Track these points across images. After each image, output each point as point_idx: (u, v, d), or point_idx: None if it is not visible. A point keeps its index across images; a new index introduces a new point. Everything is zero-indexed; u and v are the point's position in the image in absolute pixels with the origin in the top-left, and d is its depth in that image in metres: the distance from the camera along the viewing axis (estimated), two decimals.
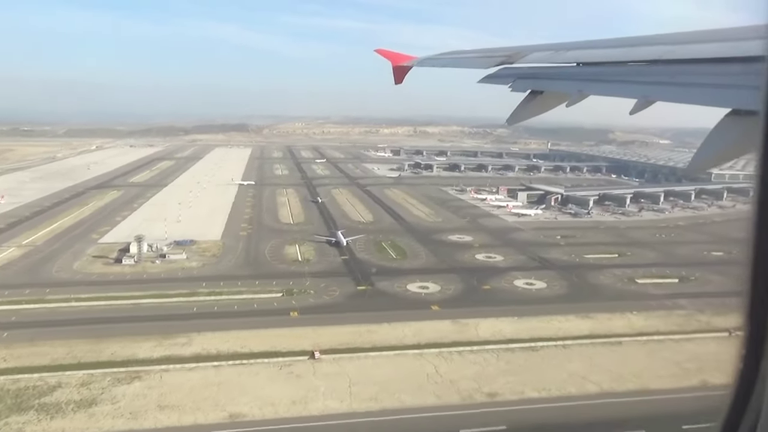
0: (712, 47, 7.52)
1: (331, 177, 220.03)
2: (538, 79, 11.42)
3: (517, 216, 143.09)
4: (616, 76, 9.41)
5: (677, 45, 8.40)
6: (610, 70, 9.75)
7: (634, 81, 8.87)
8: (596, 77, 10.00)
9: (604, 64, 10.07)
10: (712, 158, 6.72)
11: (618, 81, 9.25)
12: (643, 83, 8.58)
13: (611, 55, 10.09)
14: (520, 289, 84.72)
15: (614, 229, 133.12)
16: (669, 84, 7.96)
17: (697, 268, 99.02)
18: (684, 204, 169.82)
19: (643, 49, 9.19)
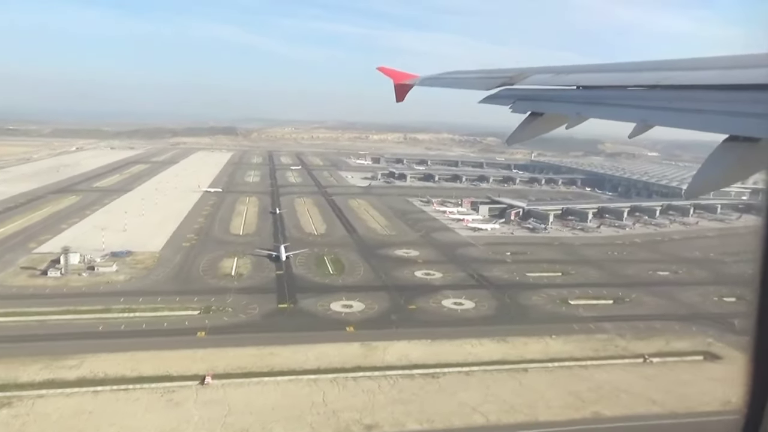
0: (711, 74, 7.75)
1: (301, 185, 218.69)
2: (538, 101, 11.68)
3: (473, 230, 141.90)
4: (616, 100, 9.57)
5: (676, 71, 8.58)
6: (609, 93, 9.95)
7: (632, 105, 9.04)
8: (596, 100, 10.16)
9: (604, 88, 10.27)
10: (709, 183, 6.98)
11: (617, 105, 9.43)
12: (641, 107, 8.74)
13: (611, 79, 10.33)
14: (446, 309, 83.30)
15: (568, 245, 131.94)
16: (667, 109, 8.11)
17: (635, 288, 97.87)
18: (647, 220, 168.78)
19: (642, 75, 9.40)
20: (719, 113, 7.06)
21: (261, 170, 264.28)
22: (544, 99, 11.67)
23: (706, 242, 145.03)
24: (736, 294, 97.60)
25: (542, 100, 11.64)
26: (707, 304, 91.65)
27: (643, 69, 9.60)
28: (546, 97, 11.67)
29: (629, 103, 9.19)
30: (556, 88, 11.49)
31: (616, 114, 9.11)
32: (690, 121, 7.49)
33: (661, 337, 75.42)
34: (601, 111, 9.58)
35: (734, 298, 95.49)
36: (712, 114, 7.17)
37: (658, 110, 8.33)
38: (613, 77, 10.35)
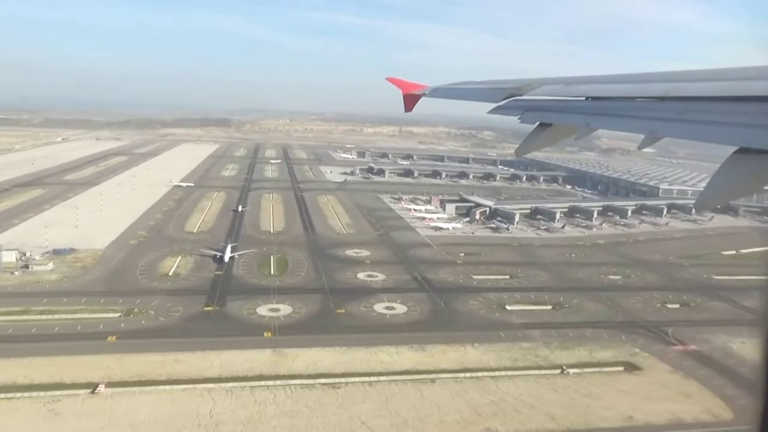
0: (721, 85, 7.74)
1: (275, 180, 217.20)
2: (546, 112, 11.63)
3: (435, 230, 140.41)
4: (625, 111, 9.58)
5: (685, 82, 8.55)
6: (618, 105, 9.94)
7: (642, 116, 9.04)
8: (605, 111, 10.14)
9: (613, 99, 10.25)
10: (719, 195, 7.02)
11: (626, 116, 9.44)
12: (651, 119, 8.70)
13: (620, 91, 10.28)
14: (375, 314, 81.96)
15: (527, 246, 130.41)
16: (677, 120, 8.06)
17: (579, 293, 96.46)
18: (617, 220, 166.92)
19: (651, 86, 9.38)
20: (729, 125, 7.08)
21: (241, 164, 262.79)
22: (552, 110, 11.64)
23: (671, 244, 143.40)
24: (681, 300, 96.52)
25: (551, 111, 11.63)
26: (647, 311, 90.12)
27: (652, 80, 9.65)
28: (555, 107, 11.65)
29: (638, 114, 9.21)
30: (565, 99, 11.50)
31: (625, 125, 9.17)
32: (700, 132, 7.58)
33: (587, 347, 74.07)
34: (611, 122, 9.65)
35: (678, 305, 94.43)
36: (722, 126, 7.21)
37: (668, 122, 8.31)
38: (622, 88, 10.35)
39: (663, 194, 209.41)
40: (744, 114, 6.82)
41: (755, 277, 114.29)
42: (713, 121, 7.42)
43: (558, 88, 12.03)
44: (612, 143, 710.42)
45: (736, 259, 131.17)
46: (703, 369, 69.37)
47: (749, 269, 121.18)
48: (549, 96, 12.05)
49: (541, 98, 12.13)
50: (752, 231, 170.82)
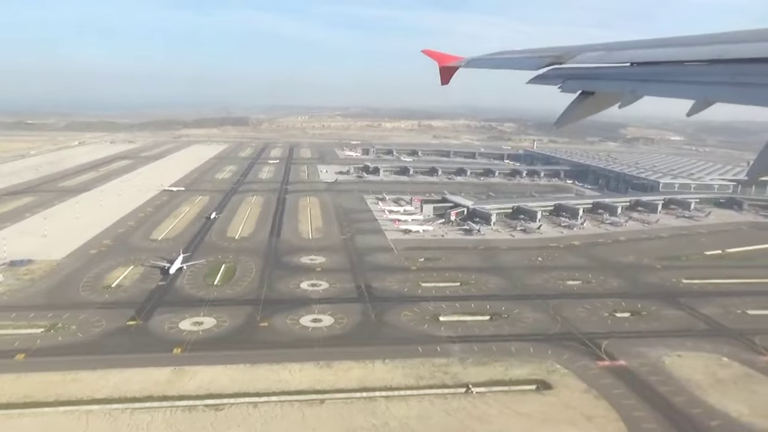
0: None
1: (266, 182, 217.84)
2: (589, 80, 11.24)
3: (404, 232, 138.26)
4: (672, 77, 9.19)
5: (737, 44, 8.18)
6: (665, 69, 9.53)
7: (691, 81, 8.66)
8: (651, 77, 9.77)
9: (660, 64, 9.80)
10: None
11: (674, 81, 9.04)
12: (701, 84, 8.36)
13: (667, 55, 9.83)
14: (298, 327, 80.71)
15: (493, 249, 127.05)
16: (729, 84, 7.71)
17: (525, 302, 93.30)
18: (605, 218, 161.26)
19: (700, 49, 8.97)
20: None
21: (240, 165, 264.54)
22: (595, 77, 11.16)
23: (653, 244, 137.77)
24: (633, 308, 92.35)
25: (594, 79, 11.16)
26: (590, 321, 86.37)
27: (701, 43, 9.14)
28: (598, 75, 11.14)
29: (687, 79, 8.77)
30: (609, 66, 10.92)
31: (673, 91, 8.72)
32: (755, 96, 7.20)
33: (505, 362, 71.31)
34: (658, 88, 9.22)
35: (628, 313, 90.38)
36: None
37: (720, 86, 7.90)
38: (669, 52, 9.82)
39: (663, 188, 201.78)
40: None
41: (727, 281, 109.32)
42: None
43: (600, 54, 11.36)
44: (640, 132, 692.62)
45: (716, 260, 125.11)
46: (620, 387, 65.92)
47: (726, 271, 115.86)
48: (591, 63, 11.43)
49: (582, 66, 11.56)
50: (751, 227, 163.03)
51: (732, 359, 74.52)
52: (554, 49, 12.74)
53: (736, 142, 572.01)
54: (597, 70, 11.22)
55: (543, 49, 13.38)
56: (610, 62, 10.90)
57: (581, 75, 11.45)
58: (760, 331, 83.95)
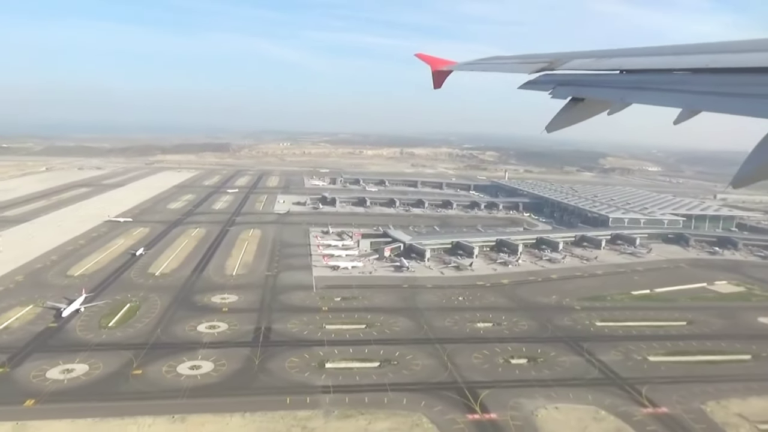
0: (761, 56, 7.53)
1: (216, 213, 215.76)
2: (579, 86, 11.40)
3: (333, 269, 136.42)
4: (661, 85, 9.35)
5: (725, 54, 8.37)
6: (654, 78, 9.70)
7: (679, 90, 8.78)
8: (640, 85, 9.87)
9: (649, 72, 9.99)
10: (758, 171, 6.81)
11: (663, 90, 9.19)
12: (688, 92, 8.48)
13: (656, 63, 10.03)
14: (172, 375, 78.06)
15: (417, 288, 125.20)
16: (716, 94, 7.83)
17: (421, 346, 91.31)
18: (543, 254, 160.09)
19: (689, 58, 9.15)
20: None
21: (199, 194, 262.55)
22: (585, 84, 11.33)
23: (581, 283, 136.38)
24: (533, 354, 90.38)
25: (584, 85, 11.31)
26: (481, 368, 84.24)
27: (690, 52, 9.32)
28: (588, 81, 11.32)
29: (676, 87, 8.89)
30: (599, 73, 11.12)
31: (661, 99, 8.85)
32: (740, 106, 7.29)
33: (371, 415, 68.97)
34: (646, 96, 9.31)
35: (525, 360, 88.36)
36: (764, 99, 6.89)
37: (706, 95, 8.01)
38: (658, 61, 10.03)
39: (613, 223, 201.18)
40: None
41: (642, 323, 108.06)
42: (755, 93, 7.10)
43: (591, 61, 11.58)
44: (617, 162, 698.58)
45: (640, 301, 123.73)
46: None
47: (644, 313, 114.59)
48: (581, 70, 11.65)
49: (573, 72, 11.76)
50: (690, 265, 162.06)
51: (609, 412, 72.49)
52: (545, 56, 12.92)
53: (714, 173, 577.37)
54: (587, 77, 11.42)
55: (534, 55, 13.55)
56: (599, 69, 11.10)
57: (571, 81, 11.61)
58: (651, 380, 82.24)
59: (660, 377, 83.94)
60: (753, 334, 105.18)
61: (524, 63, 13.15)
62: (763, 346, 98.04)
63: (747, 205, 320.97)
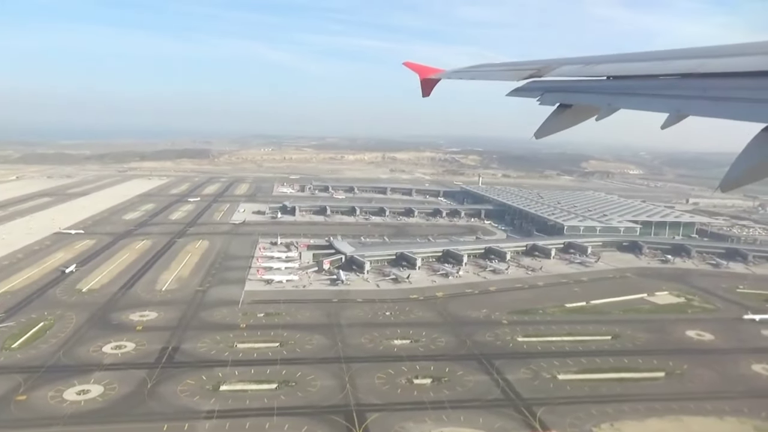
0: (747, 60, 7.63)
1: (170, 223, 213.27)
2: (567, 93, 11.53)
3: (266, 282, 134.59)
4: (647, 90, 9.48)
5: (710, 58, 8.44)
6: (641, 83, 9.81)
7: (665, 95, 8.94)
8: (627, 91, 9.98)
9: (635, 78, 10.10)
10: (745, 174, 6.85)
11: (649, 95, 9.34)
12: (675, 97, 8.60)
13: (642, 69, 10.08)
14: (56, 401, 75.83)
15: (348, 302, 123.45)
16: (702, 98, 7.94)
17: (330, 366, 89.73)
18: (486, 265, 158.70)
19: (675, 63, 9.25)
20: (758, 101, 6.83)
21: (160, 204, 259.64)
22: (573, 90, 11.50)
23: (518, 295, 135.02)
24: (440, 373, 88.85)
25: (571, 92, 11.47)
26: (378, 390, 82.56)
27: (676, 57, 9.36)
28: (575, 88, 11.50)
29: (662, 92, 9.05)
30: (586, 79, 11.28)
31: (648, 104, 9.09)
32: (726, 110, 7.38)
33: None
34: (633, 101, 9.45)
35: (429, 379, 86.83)
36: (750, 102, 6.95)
37: (693, 99, 8.16)
38: (645, 66, 10.06)
39: (568, 231, 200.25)
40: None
41: (565, 338, 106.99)
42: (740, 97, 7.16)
43: (578, 68, 11.72)
44: (600, 165, 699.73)
45: (571, 314, 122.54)
46: None
47: (571, 327, 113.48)
48: (569, 77, 11.77)
49: (561, 79, 11.86)
50: (636, 274, 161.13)
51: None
52: (533, 63, 12.96)
53: (695, 176, 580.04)
54: (575, 83, 11.58)
55: (522, 62, 13.64)
56: (587, 76, 11.20)
57: (559, 88, 11.71)
58: (552, 401, 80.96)
59: (563, 397, 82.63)
60: (675, 349, 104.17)
61: (512, 70, 13.23)
62: (681, 363, 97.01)
63: (717, 209, 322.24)
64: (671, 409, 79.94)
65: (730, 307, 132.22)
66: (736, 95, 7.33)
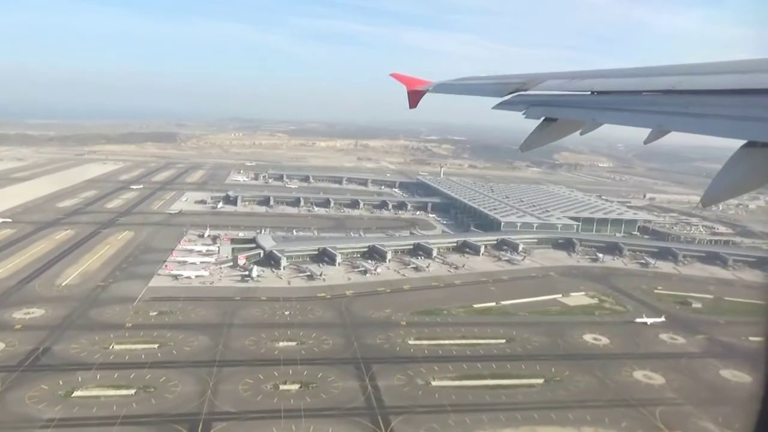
0: (729, 78, 7.76)
1: (103, 212, 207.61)
2: (552, 107, 11.89)
3: (174, 278, 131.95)
4: (631, 105, 9.72)
5: (692, 75, 8.67)
6: (624, 99, 10.04)
7: (648, 110, 9.20)
8: (611, 106, 10.29)
9: (619, 93, 10.34)
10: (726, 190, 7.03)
11: (632, 110, 9.58)
12: (657, 113, 8.89)
13: (626, 84, 10.35)
14: None
15: (250, 300, 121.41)
16: (683, 114, 8.20)
17: (199, 370, 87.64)
18: (410, 261, 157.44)
19: (657, 79, 9.42)
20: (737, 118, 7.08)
21: (103, 190, 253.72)
22: (558, 104, 11.83)
23: (430, 295, 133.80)
24: (311, 378, 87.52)
25: (556, 106, 11.82)
26: (240, 396, 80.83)
27: (658, 74, 9.60)
28: (560, 102, 11.82)
29: (645, 108, 9.32)
30: (571, 94, 11.53)
31: (631, 119, 9.30)
32: (707, 126, 7.61)
33: None
34: (616, 117, 9.82)
35: (297, 385, 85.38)
36: (730, 119, 7.20)
37: (675, 115, 8.45)
38: (628, 82, 10.34)
39: (505, 227, 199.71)
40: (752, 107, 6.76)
41: (456, 341, 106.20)
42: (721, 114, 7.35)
43: (563, 82, 11.96)
44: (572, 157, 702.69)
45: (477, 315, 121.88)
46: None
47: (469, 329, 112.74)
48: (554, 91, 12.05)
49: (546, 93, 12.18)
50: (561, 273, 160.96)
51: None
52: (519, 76, 13.24)
53: (664, 170, 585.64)
54: (560, 97, 11.76)
55: (508, 75, 13.95)
56: (572, 90, 11.34)
57: (544, 102, 11.93)
58: (415, 410, 80.00)
59: (427, 405, 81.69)
60: (564, 354, 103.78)
61: (498, 84, 13.52)
62: (564, 369, 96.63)
63: (672, 206, 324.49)
64: (531, 419, 79.47)
65: (640, 309, 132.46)
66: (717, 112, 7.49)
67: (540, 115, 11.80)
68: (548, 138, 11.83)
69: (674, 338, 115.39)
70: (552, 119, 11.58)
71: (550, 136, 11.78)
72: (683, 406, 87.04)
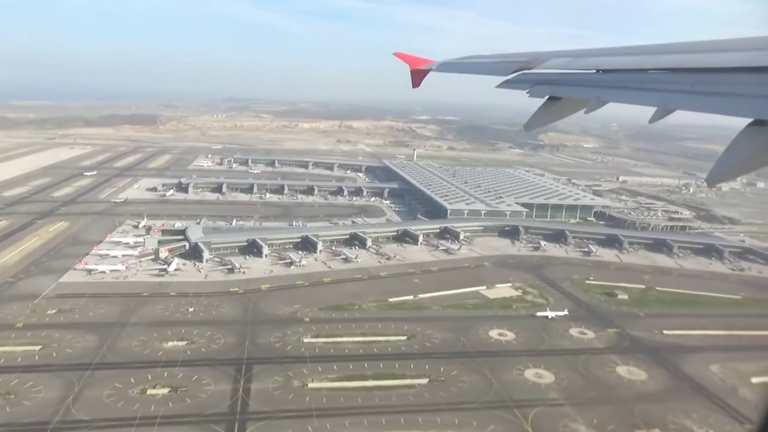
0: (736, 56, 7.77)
1: (46, 201, 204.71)
2: (556, 85, 11.76)
3: (88, 272, 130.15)
4: (636, 84, 9.61)
5: (698, 53, 8.66)
6: (630, 77, 9.95)
7: (654, 89, 9.09)
8: (616, 84, 10.16)
9: (624, 71, 10.25)
10: (732, 168, 6.94)
11: (638, 89, 9.47)
12: (663, 91, 8.74)
13: (631, 63, 10.26)
14: None
15: (159, 296, 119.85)
16: (689, 93, 8.06)
17: (71, 374, 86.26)
18: (341, 252, 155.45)
19: (663, 57, 9.44)
20: (745, 96, 6.99)
21: (57, 177, 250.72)
22: (562, 83, 11.67)
23: (347, 288, 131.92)
24: (184, 382, 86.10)
25: (561, 85, 11.67)
26: (101, 403, 79.67)
27: (664, 51, 9.58)
28: (565, 81, 11.68)
29: (650, 86, 9.21)
30: (575, 72, 11.45)
31: (636, 98, 9.18)
32: (713, 104, 7.56)
33: None
34: (622, 95, 9.68)
35: (166, 390, 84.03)
36: (737, 97, 7.13)
37: (681, 94, 8.26)
38: (634, 60, 10.24)
39: (452, 215, 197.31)
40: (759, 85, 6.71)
41: (354, 339, 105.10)
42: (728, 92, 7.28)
43: (568, 61, 11.82)
44: (557, 138, 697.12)
45: (388, 310, 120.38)
46: None
47: (372, 325, 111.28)
48: (558, 69, 11.92)
49: (550, 71, 12.03)
50: (495, 264, 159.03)
51: None
52: (523, 55, 13.06)
53: (650, 150, 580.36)
54: (564, 76, 11.72)
55: (512, 54, 13.69)
56: (577, 68, 11.32)
57: (549, 81, 11.85)
58: (277, 415, 78.78)
59: (293, 410, 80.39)
60: (461, 352, 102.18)
61: (502, 63, 13.33)
62: (453, 367, 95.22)
63: (642, 189, 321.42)
64: (396, 423, 78.22)
65: (563, 301, 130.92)
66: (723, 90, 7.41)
67: (544, 94, 11.69)
68: (553, 117, 11.73)
69: (584, 333, 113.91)
70: (556, 98, 11.45)
71: (554, 115, 11.68)
72: (562, 407, 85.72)
